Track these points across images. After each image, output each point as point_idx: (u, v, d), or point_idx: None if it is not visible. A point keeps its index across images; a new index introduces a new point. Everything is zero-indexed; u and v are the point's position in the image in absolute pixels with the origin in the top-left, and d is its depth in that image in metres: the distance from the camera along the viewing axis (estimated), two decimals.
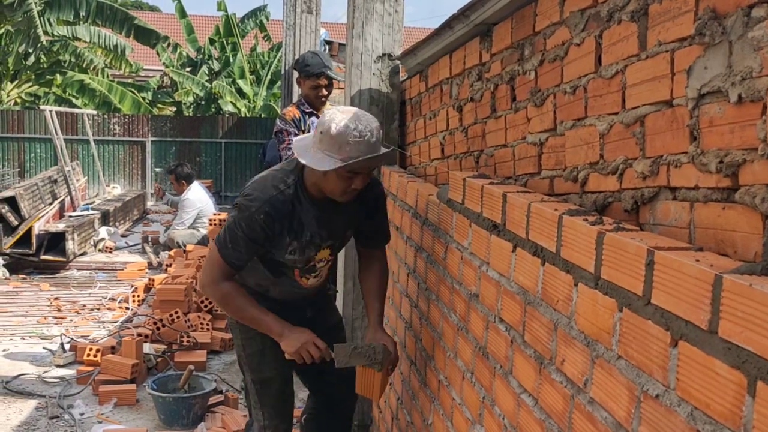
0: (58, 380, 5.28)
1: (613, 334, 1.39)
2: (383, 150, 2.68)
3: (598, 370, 1.45)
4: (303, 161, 2.67)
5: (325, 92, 4.97)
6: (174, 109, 22.31)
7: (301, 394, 4.84)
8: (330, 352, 2.82)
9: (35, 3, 17.25)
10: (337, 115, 2.61)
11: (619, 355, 1.36)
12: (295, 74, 5.32)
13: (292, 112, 5.02)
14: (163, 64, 21.46)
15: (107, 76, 20.18)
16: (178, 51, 21.30)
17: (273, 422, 3.13)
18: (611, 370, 1.39)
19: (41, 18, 17.76)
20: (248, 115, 19.82)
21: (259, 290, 2.99)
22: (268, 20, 22.01)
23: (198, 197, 9.73)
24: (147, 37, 18.85)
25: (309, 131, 4.95)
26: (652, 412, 1.25)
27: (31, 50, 18.37)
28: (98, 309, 7.24)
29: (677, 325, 1.18)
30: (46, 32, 18.12)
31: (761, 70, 1.19)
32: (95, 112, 16.96)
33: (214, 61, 21.52)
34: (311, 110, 5.02)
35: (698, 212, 1.40)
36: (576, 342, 1.55)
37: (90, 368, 5.27)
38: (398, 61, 3.99)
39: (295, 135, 4.91)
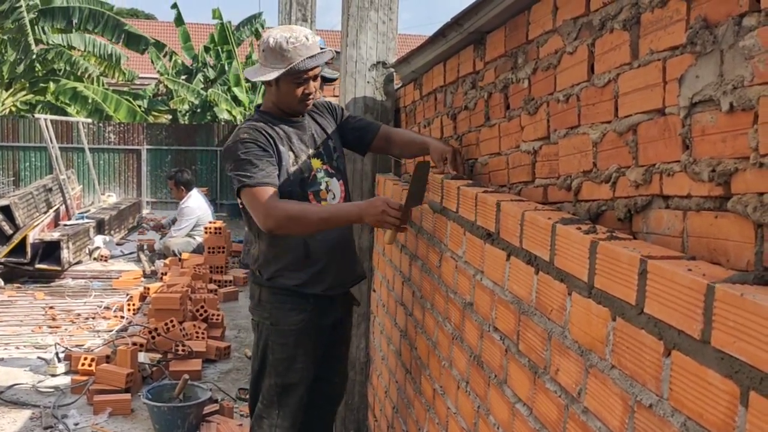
0: (52, 390, 5.26)
1: (607, 343, 1.38)
2: (322, 50, 2.98)
3: (591, 379, 1.45)
4: (254, 79, 3.04)
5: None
6: (169, 117, 22.31)
7: None
8: (401, 205, 2.76)
9: (26, 11, 17.25)
10: (273, 31, 2.97)
11: (613, 365, 1.36)
12: None
13: None
14: (158, 72, 21.47)
15: (102, 85, 20.18)
16: (173, 59, 21.31)
17: (285, 424, 3.13)
18: (605, 380, 1.39)
19: (35, 26, 17.76)
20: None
21: (300, 253, 3.01)
22: (263, 28, 22.01)
23: (198, 205, 9.74)
24: (136, 43, 18.84)
25: None
26: (646, 422, 1.24)
27: (22, 58, 18.36)
28: (93, 318, 7.22)
29: (670, 335, 1.18)
30: (39, 40, 18.13)
31: (752, 79, 1.19)
32: (90, 121, 16.96)
33: (210, 68, 21.53)
34: None
35: (691, 221, 1.40)
36: (570, 351, 1.54)
37: (84, 378, 5.25)
38: (392, 69, 4.00)
39: None
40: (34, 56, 18.29)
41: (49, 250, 9.02)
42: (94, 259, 10.00)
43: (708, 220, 1.35)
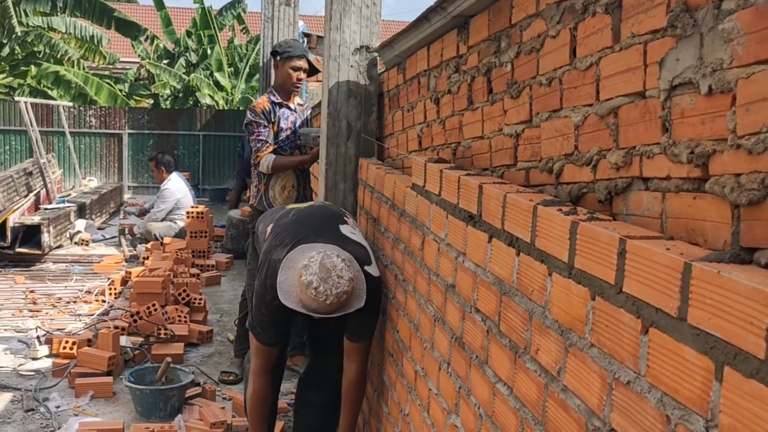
0: (33, 373, 5.24)
1: (586, 322, 1.40)
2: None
3: (571, 358, 1.47)
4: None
5: (302, 76, 5.06)
6: (151, 101, 22.15)
7: (288, 384, 4.85)
8: None
9: None
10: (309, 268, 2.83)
11: (592, 343, 1.38)
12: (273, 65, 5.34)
13: (262, 104, 5.05)
14: (139, 56, 21.29)
15: (83, 68, 19.98)
16: (155, 43, 21.14)
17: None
18: (584, 358, 1.41)
19: (16, 8, 17.55)
20: (226, 108, 19.73)
21: None
22: (245, 12, 21.89)
23: (177, 187, 9.72)
24: (129, 29, 18.68)
25: (279, 123, 4.99)
26: (624, 399, 1.27)
27: (5, 41, 18.15)
28: (74, 302, 7.19)
29: (648, 313, 1.20)
30: (21, 23, 17.91)
31: (731, 62, 1.21)
32: (71, 104, 16.79)
33: (192, 53, 21.37)
34: (281, 101, 5.05)
35: (670, 202, 1.42)
36: (550, 331, 1.56)
37: (66, 361, 5.24)
38: (376, 54, 3.99)
39: (264, 127, 4.94)
40: (14, 38, 18.07)
41: (30, 234, 8.96)
42: (75, 243, 9.94)
43: (686, 201, 1.37)
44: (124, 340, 5.43)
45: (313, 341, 3.84)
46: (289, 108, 5.10)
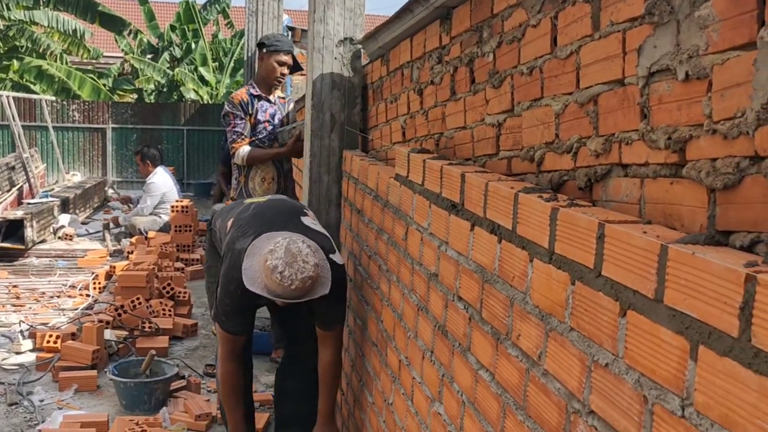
0: (17, 367, 5.22)
1: (566, 307, 1.42)
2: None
3: (551, 342, 1.49)
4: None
5: (286, 71, 5.07)
6: (135, 96, 22.04)
7: (264, 379, 4.85)
8: None
9: None
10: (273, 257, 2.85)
11: (572, 327, 1.40)
12: (259, 59, 5.35)
13: (240, 95, 5.05)
14: (123, 50, 21.18)
15: (66, 63, 19.86)
16: (139, 38, 21.03)
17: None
18: (564, 342, 1.43)
19: (0, 3, 17.43)
20: (211, 103, 19.66)
21: None
22: (229, 6, 21.82)
23: (163, 181, 9.69)
24: (112, 23, 18.59)
25: (256, 115, 4.99)
26: (602, 381, 1.28)
27: None
28: (58, 296, 7.16)
29: (626, 296, 1.22)
30: (2, 17, 17.79)
31: (707, 48, 1.23)
32: (54, 99, 16.70)
33: (176, 47, 21.27)
34: (260, 93, 5.05)
35: (648, 188, 1.44)
36: (531, 316, 1.58)
37: (50, 355, 5.22)
38: (360, 46, 4.00)
39: (241, 119, 4.95)
40: None
41: (13, 229, 8.91)
42: (59, 237, 9.89)
43: (664, 187, 1.39)
44: (109, 334, 5.41)
45: (286, 331, 3.91)
46: (268, 101, 5.10)
